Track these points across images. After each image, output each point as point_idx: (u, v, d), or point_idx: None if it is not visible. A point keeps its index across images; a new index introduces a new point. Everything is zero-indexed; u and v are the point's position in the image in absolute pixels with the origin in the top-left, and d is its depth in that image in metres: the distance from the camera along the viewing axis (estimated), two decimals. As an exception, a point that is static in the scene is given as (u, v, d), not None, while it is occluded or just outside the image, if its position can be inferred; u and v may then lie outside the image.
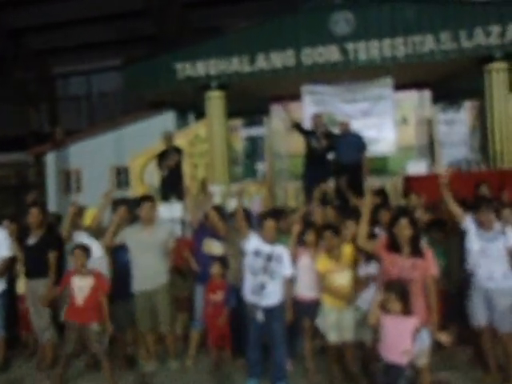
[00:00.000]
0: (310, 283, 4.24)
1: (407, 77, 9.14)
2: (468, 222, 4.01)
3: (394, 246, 3.55)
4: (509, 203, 4.75)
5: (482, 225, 3.93)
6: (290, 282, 4.10)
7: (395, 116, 9.31)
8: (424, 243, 3.76)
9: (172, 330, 4.70)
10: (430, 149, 9.85)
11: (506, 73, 8.34)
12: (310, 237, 4.32)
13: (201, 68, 9.24)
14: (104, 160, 11.74)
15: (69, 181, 12.54)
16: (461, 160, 9.33)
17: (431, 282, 3.49)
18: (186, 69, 9.32)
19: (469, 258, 4.02)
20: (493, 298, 3.87)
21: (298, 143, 9.45)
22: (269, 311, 3.97)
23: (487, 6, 8.17)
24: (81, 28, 12.97)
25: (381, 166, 9.28)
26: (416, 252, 3.51)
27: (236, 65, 9.06)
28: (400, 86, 9.24)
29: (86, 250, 4.29)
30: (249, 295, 4.07)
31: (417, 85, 9.88)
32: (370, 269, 4.03)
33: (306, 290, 4.25)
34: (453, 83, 9.63)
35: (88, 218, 5.11)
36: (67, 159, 12.37)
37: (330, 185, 6.66)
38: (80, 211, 5.18)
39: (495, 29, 8.09)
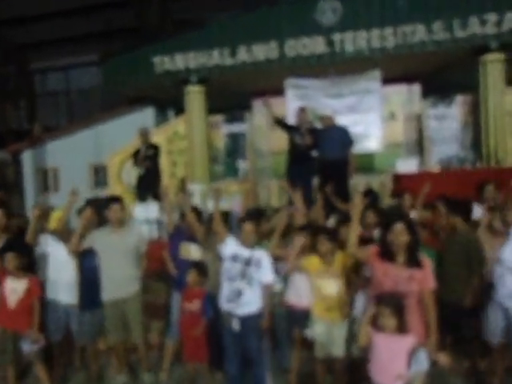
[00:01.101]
0: (302, 291, 3.91)
1: (396, 70, 8.68)
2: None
3: (387, 253, 3.14)
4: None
5: None
6: (269, 290, 3.80)
7: (383, 111, 8.85)
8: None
9: (145, 340, 4.42)
10: (419, 146, 9.41)
11: (503, 64, 7.83)
12: (299, 241, 3.91)
13: (180, 61, 8.80)
14: (82, 158, 11.31)
15: (46, 180, 12.06)
16: (452, 157, 8.90)
17: (429, 296, 3.07)
18: (165, 62, 8.89)
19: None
20: None
21: (280, 140, 9.01)
22: (246, 320, 3.69)
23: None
24: (59, 21, 12.45)
25: (367, 164, 8.82)
26: (413, 261, 3.10)
27: (216, 58, 8.60)
28: (388, 80, 8.77)
29: (19, 252, 4.07)
30: (224, 303, 3.78)
31: (406, 78, 9.41)
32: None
33: (297, 298, 3.98)
34: (444, 76, 9.18)
35: (54, 220, 4.72)
36: (44, 157, 11.90)
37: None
38: (46, 213, 4.88)
39: (491, 17, 7.56)
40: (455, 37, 7.74)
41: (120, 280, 4.17)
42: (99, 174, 11.39)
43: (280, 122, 6.78)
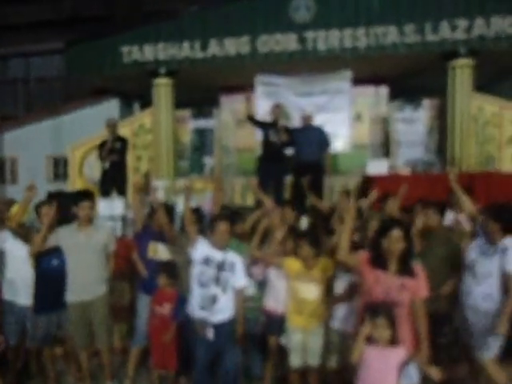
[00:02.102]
0: (281, 296, 3.73)
1: (365, 71, 8.69)
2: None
3: (379, 260, 2.98)
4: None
5: None
6: (242, 295, 3.61)
7: (351, 112, 8.83)
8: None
9: (109, 346, 4.12)
10: (385, 148, 9.45)
11: (471, 70, 7.95)
12: (288, 244, 3.79)
13: (149, 52, 8.55)
14: (41, 149, 10.81)
15: (3, 170, 11.47)
16: (417, 160, 8.97)
17: (421, 306, 2.93)
18: (133, 52, 8.62)
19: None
20: None
21: (247, 138, 8.92)
22: (220, 328, 3.50)
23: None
24: (23, 6, 11.84)
25: (333, 165, 8.76)
26: (406, 270, 2.95)
27: (187, 50, 8.39)
28: (356, 81, 8.78)
29: None
30: (197, 310, 3.54)
31: (373, 80, 9.42)
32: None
33: (275, 304, 3.81)
34: (412, 80, 9.25)
35: (13, 215, 4.36)
36: (1, 146, 11.32)
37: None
38: (6, 207, 4.62)
39: (461, 23, 7.69)
40: (426, 40, 7.80)
41: (87, 281, 3.92)
42: (58, 166, 10.93)
43: (253, 119, 6.61)
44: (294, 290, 3.60)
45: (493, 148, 8.41)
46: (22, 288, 4.04)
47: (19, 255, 4.00)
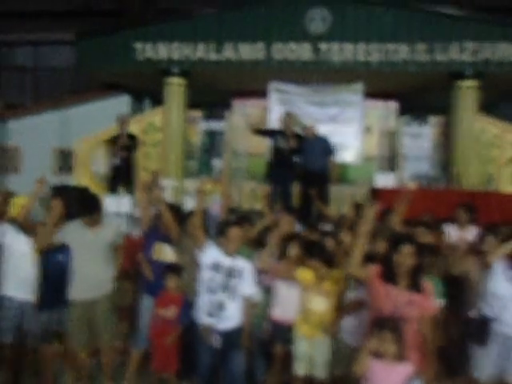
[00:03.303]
0: (288, 305, 3.72)
1: (376, 85, 8.83)
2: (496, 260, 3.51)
3: (389, 275, 2.98)
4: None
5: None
6: (250, 303, 3.55)
7: (363, 124, 9.00)
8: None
9: (110, 347, 4.00)
10: (392, 161, 9.64)
11: (475, 92, 8.20)
12: (292, 250, 3.80)
13: (163, 50, 8.58)
14: (47, 140, 10.71)
15: (5, 159, 11.38)
16: (422, 175, 9.16)
17: (429, 322, 2.97)
18: (147, 49, 8.63)
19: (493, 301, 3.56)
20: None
21: (258, 143, 9.00)
22: (227, 335, 3.42)
23: (464, 21, 8.00)
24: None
25: (341, 175, 8.92)
26: (415, 286, 2.96)
27: (201, 51, 8.45)
28: (367, 95, 8.92)
29: None
30: (204, 317, 3.45)
31: (383, 95, 9.59)
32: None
33: (282, 312, 3.77)
34: (420, 97, 9.44)
35: (16, 208, 4.22)
36: (5, 135, 11.23)
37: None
38: (6, 198, 4.46)
39: (469, 45, 7.95)
40: (435, 60, 8.03)
41: (92, 280, 3.84)
42: (64, 159, 10.87)
43: (259, 131, 6.75)
44: (303, 300, 3.63)
45: (493, 168, 8.64)
46: (21, 283, 3.93)
47: (19, 249, 3.91)
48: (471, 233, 4.67)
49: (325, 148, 6.74)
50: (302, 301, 3.65)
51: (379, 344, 2.73)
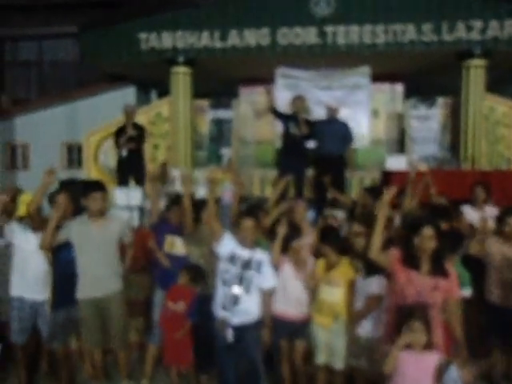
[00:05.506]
0: (292, 300, 3.67)
1: (382, 68, 8.76)
2: None
3: (411, 260, 2.90)
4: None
5: None
6: (270, 297, 3.44)
7: (370, 108, 8.94)
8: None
9: (125, 344, 3.88)
10: (400, 144, 9.58)
11: (484, 71, 8.11)
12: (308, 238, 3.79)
13: (167, 40, 8.54)
14: (55, 135, 10.74)
15: (14, 156, 11.42)
16: (430, 157, 9.11)
17: (456, 307, 2.93)
18: (151, 39, 8.59)
19: None
20: None
21: (266, 129, 8.97)
22: (241, 330, 3.29)
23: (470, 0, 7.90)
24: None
25: (351, 159, 8.88)
26: (439, 270, 2.89)
27: (206, 39, 8.40)
28: (373, 78, 8.87)
29: None
30: (219, 310, 3.36)
31: (389, 78, 9.52)
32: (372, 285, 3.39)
33: (285, 307, 3.66)
34: (427, 78, 9.37)
35: (23, 205, 4.22)
36: (13, 131, 11.26)
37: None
38: (14, 196, 4.32)
39: (477, 24, 7.83)
40: (442, 40, 7.93)
41: (100, 277, 3.66)
42: (72, 153, 10.91)
43: (276, 111, 6.63)
44: (316, 291, 3.60)
45: (503, 147, 8.59)
46: (32, 282, 3.80)
47: (29, 248, 3.75)
48: (490, 212, 4.59)
49: (344, 134, 6.62)
50: (315, 291, 3.61)
51: (410, 336, 2.64)
